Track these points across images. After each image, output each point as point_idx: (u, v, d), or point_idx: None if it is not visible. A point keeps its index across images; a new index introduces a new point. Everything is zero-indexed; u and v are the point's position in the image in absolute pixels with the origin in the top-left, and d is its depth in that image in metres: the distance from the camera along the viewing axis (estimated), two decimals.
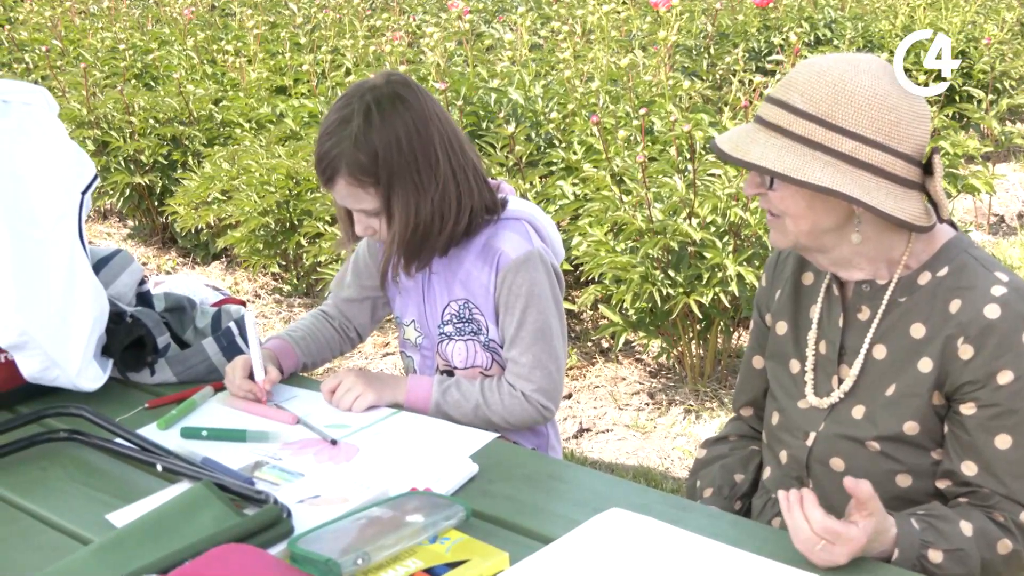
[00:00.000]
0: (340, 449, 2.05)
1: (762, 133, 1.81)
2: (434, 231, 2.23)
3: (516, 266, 2.27)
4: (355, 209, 2.23)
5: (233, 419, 2.19)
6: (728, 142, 1.83)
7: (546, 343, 2.30)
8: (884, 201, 1.76)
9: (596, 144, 4.73)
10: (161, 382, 2.39)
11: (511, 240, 2.28)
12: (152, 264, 6.17)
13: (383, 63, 6.43)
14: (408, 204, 2.19)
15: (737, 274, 3.97)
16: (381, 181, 2.17)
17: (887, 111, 1.75)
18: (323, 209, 4.94)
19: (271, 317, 5.37)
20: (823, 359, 1.97)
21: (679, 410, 4.27)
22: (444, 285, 2.35)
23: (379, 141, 2.15)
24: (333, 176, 2.18)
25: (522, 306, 2.28)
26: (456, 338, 2.36)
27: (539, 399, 2.30)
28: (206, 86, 6.56)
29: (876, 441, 1.88)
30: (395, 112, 2.17)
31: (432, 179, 2.20)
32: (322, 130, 2.20)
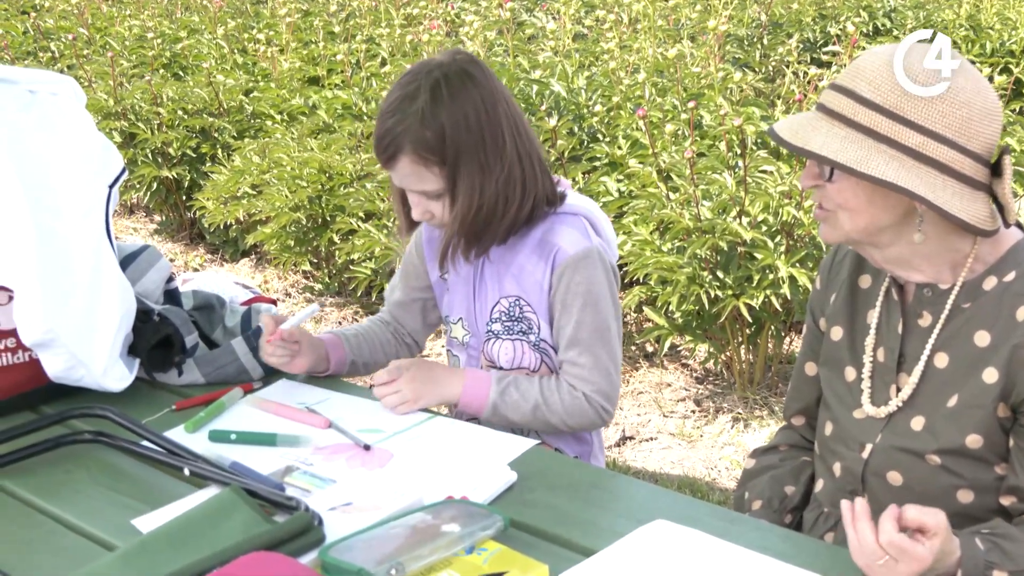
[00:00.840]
0: (373, 455, 2.06)
1: (824, 122, 1.80)
2: (497, 214, 2.24)
3: (575, 263, 2.27)
4: (415, 190, 2.24)
5: (263, 422, 2.21)
6: (787, 129, 1.82)
7: (605, 344, 2.31)
8: (950, 200, 1.74)
9: (642, 139, 4.72)
10: (189, 383, 2.41)
11: (569, 236, 2.29)
12: (179, 261, 6.22)
13: (420, 53, 6.45)
14: (473, 185, 2.20)
15: (789, 276, 3.95)
16: (447, 160, 2.18)
17: (959, 106, 1.73)
18: (356, 205, 4.96)
19: None
20: (881, 367, 1.95)
21: (727, 418, 4.25)
22: (496, 280, 2.36)
23: (447, 118, 2.17)
24: (396, 154, 2.19)
25: (580, 305, 2.28)
26: (504, 337, 2.36)
27: (600, 401, 2.31)
28: (236, 76, 6.61)
29: (936, 454, 1.86)
30: (464, 89, 2.19)
31: (498, 160, 2.21)
32: (384, 107, 2.21)
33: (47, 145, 2.29)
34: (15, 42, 7.96)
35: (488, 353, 2.39)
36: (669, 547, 1.72)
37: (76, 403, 2.24)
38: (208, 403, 2.29)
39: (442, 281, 2.47)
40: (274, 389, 2.38)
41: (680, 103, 5.12)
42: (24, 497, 1.97)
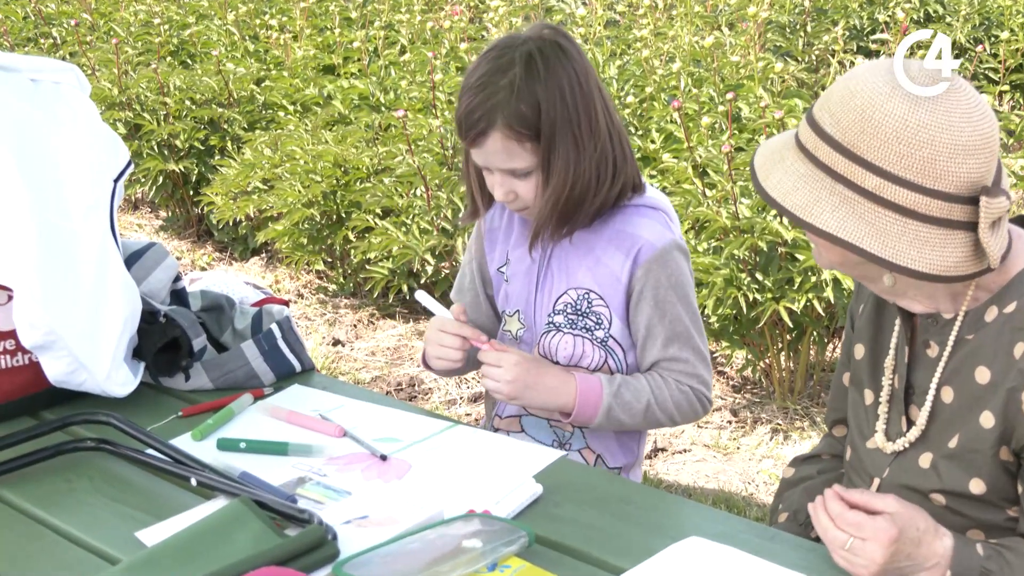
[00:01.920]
0: (390, 465, 2.07)
1: (791, 152, 1.76)
2: (589, 194, 2.26)
3: (662, 257, 2.30)
4: (502, 168, 2.25)
5: (274, 430, 2.22)
6: (761, 156, 1.80)
7: (700, 334, 2.37)
8: (905, 250, 1.67)
9: (677, 132, 4.72)
10: (196, 388, 2.42)
11: (652, 228, 2.31)
12: (186, 259, 6.25)
13: (442, 40, 6.46)
14: (568, 162, 2.22)
15: (833, 278, 3.94)
16: (541, 135, 2.20)
17: (919, 146, 1.65)
18: (373, 201, 4.97)
19: (315, 319, 5.42)
20: (896, 394, 1.93)
21: (765, 429, 4.24)
22: (564, 271, 2.37)
23: (542, 92, 2.19)
24: (487, 129, 2.20)
25: (674, 300, 2.32)
26: (565, 331, 2.37)
27: (704, 391, 2.37)
28: (247, 64, 6.63)
29: (941, 495, 1.83)
30: (558, 62, 2.22)
31: (592, 137, 2.24)
32: (469, 82, 2.22)
33: (50, 137, 2.30)
34: (15, 28, 8.01)
35: (545, 347, 2.39)
36: (703, 565, 1.72)
37: (78, 409, 2.26)
38: (216, 409, 2.30)
39: (499, 274, 2.49)
40: (286, 395, 2.39)
41: (717, 94, 5.11)
42: (23, 507, 1.98)
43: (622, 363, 2.37)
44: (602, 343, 2.36)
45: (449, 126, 5.12)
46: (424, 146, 5.10)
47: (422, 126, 5.22)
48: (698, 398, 2.36)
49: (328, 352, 5.08)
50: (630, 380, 2.33)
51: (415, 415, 2.30)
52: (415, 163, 4.86)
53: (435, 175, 4.86)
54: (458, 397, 4.62)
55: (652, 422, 2.35)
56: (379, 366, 4.95)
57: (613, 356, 2.37)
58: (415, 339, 5.16)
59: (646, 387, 2.33)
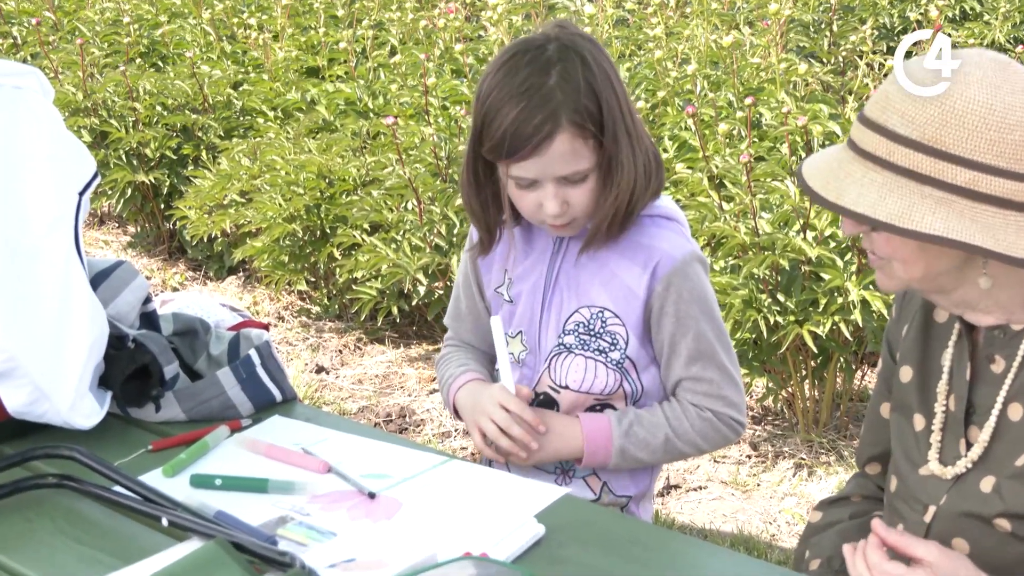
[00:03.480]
0: (379, 504, 2.08)
1: (858, 165, 1.77)
2: (638, 194, 2.29)
3: (683, 269, 2.32)
4: (562, 175, 2.24)
5: (253, 465, 2.22)
6: (818, 177, 1.80)
7: (727, 351, 2.38)
8: (1015, 242, 1.70)
9: (691, 140, 4.74)
10: (168, 420, 2.43)
11: (669, 239, 2.34)
12: (156, 279, 6.26)
13: (435, 40, 6.49)
14: (628, 157, 2.25)
15: (861, 300, 3.95)
16: (606, 129, 2.22)
17: (1009, 129, 1.69)
18: (361, 216, 4.98)
19: (297, 344, 5.43)
20: (952, 417, 1.93)
21: (788, 464, 4.25)
22: (574, 288, 2.38)
23: (597, 83, 2.22)
24: (553, 132, 2.19)
25: (697, 314, 2.33)
26: (577, 352, 2.38)
27: (731, 415, 2.38)
28: (224, 67, 6.66)
29: (1005, 519, 1.84)
30: (599, 54, 2.26)
31: (638, 135, 2.28)
32: (511, 91, 2.21)
33: (9, 146, 2.31)
34: None
35: (555, 370, 2.40)
36: None
37: (39, 442, 2.26)
38: (190, 443, 2.30)
39: (496, 295, 2.50)
40: (265, 427, 2.39)
41: (736, 99, 5.13)
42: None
43: (637, 384, 2.38)
44: (617, 365, 2.37)
45: (443, 133, 5.14)
46: (416, 156, 5.12)
47: (414, 134, 5.23)
48: (725, 423, 2.37)
49: (311, 380, 5.08)
50: (643, 415, 2.35)
51: (406, 449, 2.30)
52: (406, 174, 4.87)
53: (428, 187, 4.88)
54: (453, 429, 4.63)
55: (676, 455, 2.38)
56: (367, 395, 4.96)
57: (628, 378, 2.38)
58: (405, 366, 5.16)
59: (662, 420, 2.34)
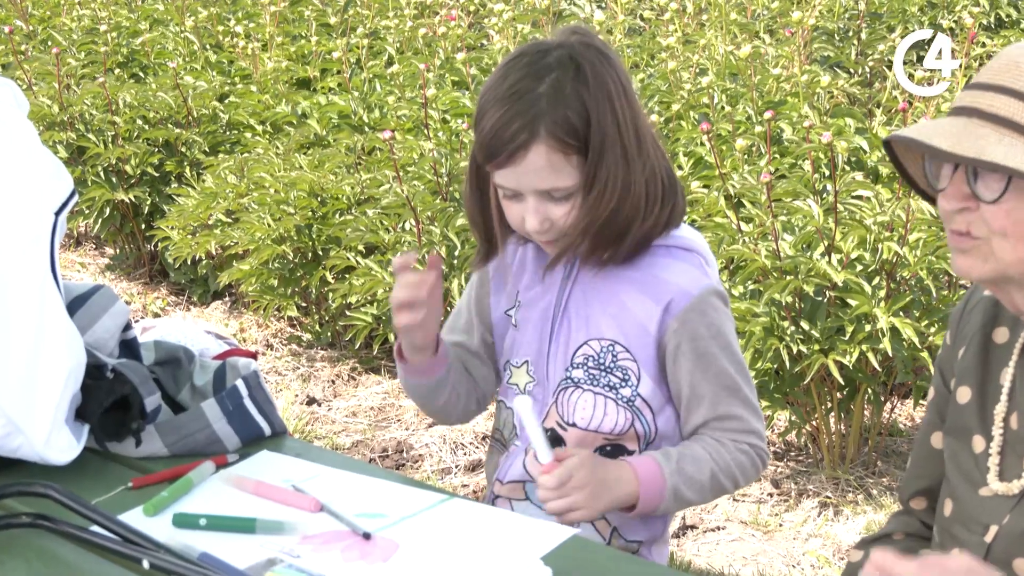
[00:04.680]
0: (374, 545, 2.08)
1: (989, 128, 1.81)
2: (637, 219, 2.29)
3: (699, 306, 2.33)
4: (540, 190, 2.25)
5: (240, 504, 2.23)
6: (939, 136, 1.82)
7: (749, 384, 2.39)
8: None
9: (707, 156, 4.75)
10: (149, 455, 2.43)
11: (685, 273, 2.34)
12: (136, 304, 6.27)
13: (436, 50, 6.51)
14: (616, 178, 2.25)
15: (891, 327, 3.95)
16: (591, 147, 2.23)
17: None
18: (355, 236, 4.99)
19: (286, 374, 5.43)
20: (1013, 436, 1.96)
21: (812, 503, 4.24)
22: (584, 319, 2.39)
23: (590, 98, 2.22)
24: (529, 142, 2.21)
25: (716, 351, 2.34)
26: (585, 387, 2.38)
27: (762, 447, 2.40)
28: (209, 78, 6.68)
29: None
30: (602, 67, 2.26)
31: (640, 153, 2.28)
32: (495, 95, 2.24)
33: None
34: None
35: (562, 405, 2.40)
36: None
37: (11, 479, 2.26)
38: (172, 480, 2.31)
39: (506, 318, 2.50)
40: (253, 463, 2.40)
41: (755, 113, 5.14)
42: None
43: (650, 426, 2.38)
44: (628, 403, 2.36)
45: (444, 148, 5.15)
46: (414, 172, 5.13)
47: (412, 149, 5.25)
48: (758, 455, 2.40)
49: (302, 412, 5.08)
50: (686, 451, 2.34)
51: (403, 487, 2.31)
52: (404, 192, 4.88)
53: (427, 206, 4.89)
54: (453, 465, 4.63)
55: (719, 492, 2.38)
56: (361, 429, 4.96)
57: (641, 418, 2.37)
58: (403, 397, 5.17)
59: (705, 455, 2.34)
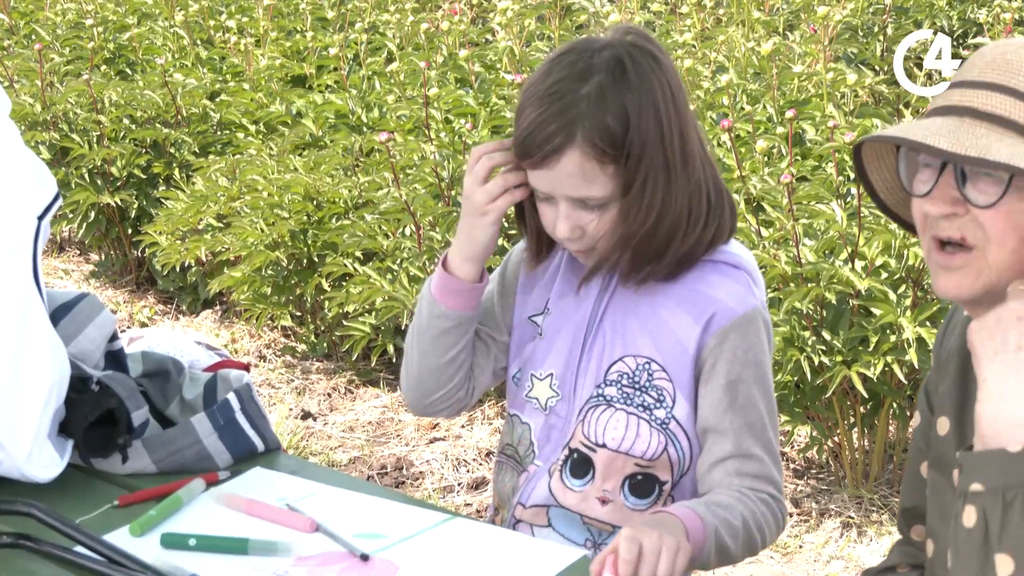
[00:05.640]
0: (373, 567, 2.08)
1: (985, 127, 1.80)
2: (679, 233, 2.27)
3: (742, 326, 2.30)
4: (573, 197, 2.25)
5: (231, 523, 2.23)
6: (935, 135, 1.81)
7: (774, 428, 2.35)
8: None
9: (727, 158, 4.75)
10: (136, 472, 2.43)
11: (731, 290, 2.31)
12: (123, 313, 6.27)
13: (438, 46, 6.52)
14: (656, 189, 2.24)
15: (917, 337, 3.95)
16: (630, 155, 2.22)
17: None
18: (352, 242, 4.99)
19: (280, 386, 5.44)
20: None
21: (835, 524, 4.24)
22: (621, 333, 2.36)
23: (632, 103, 2.22)
24: (563, 146, 2.21)
25: (750, 379, 2.30)
26: (618, 406, 2.34)
27: (782, 500, 2.33)
28: (199, 75, 6.68)
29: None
30: (652, 72, 2.25)
31: (685, 165, 2.26)
32: (535, 92, 2.24)
33: None
34: None
35: (590, 424, 2.36)
36: None
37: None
38: (161, 498, 2.31)
39: (530, 324, 2.47)
40: (245, 480, 2.40)
41: (777, 112, 5.14)
42: None
43: (685, 453, 2.33)
44: (662, 425, 2.32)
45: (446, 150, 5.16)
46: (415, 175, 5.13)
47: (412, 151, 5.25)
48: (780, 509, 2.32)
49: (297, 427, 5.09)
50: (711, 499, 2.26)
51: (403, 506, 2.31)
52: (403, 196, 4.89)
53: (428, 211, 4.89)
54: (455, 483, 4.63)
55: (748, 544, 2.26)
56: (359, 444, 4.96)
57: (675, 443, 2.33)
58: (402, 411, 5.17)
59: (732, 502, 2.25)
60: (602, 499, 2.34)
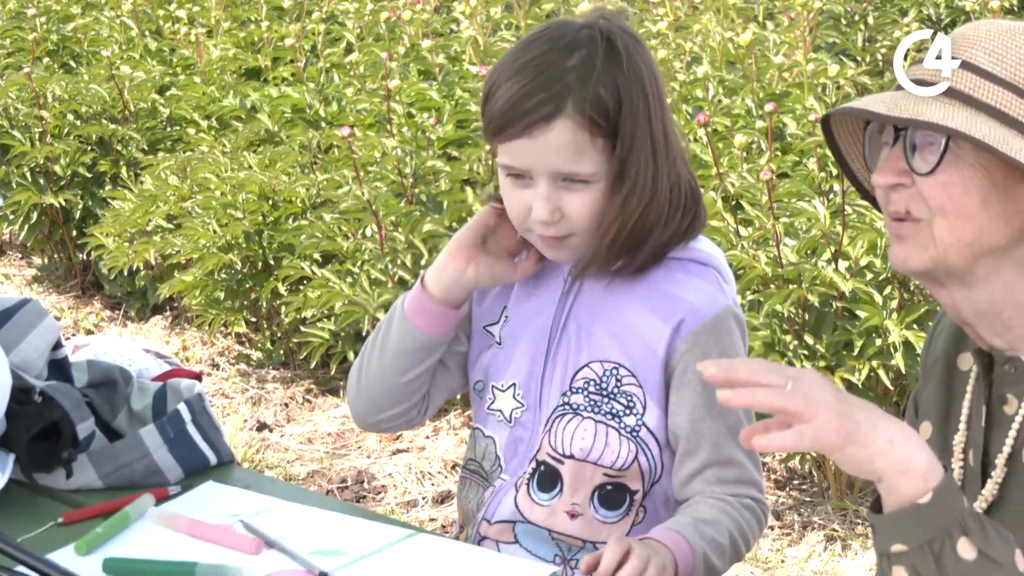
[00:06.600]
0: None
1: (931, 99, 1.83)
2: (659, 225, 2.27)
3: (713, 328, 2.30)
4: (557, 172, 2.22)
5: (180, 544, 2.22)
6: (880, 104, 1.84)
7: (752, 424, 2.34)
8: None
9: (703, 154, 4.76)
10: (82, 487, 2.43)
11: (700, 290, 2.31)
12: (67, 319, 6.25)
13: (399, 36, 6.51)
14: (647, 174, 2.24)
15: (903, 341, 3.97)
16: (621, 132, 2.21)
17: None
18: (310, 244, 4.99)
19: (234, 396, 5.43)
20: (971, 473, 1.95)
21: (818, 537, 4.26)
22: (587, 337, 2.35)
23: (623, 79, 2.22)
24: (553, 114, 2.19)
25: None
26: (585, 414, 2.34)
27: (764, 502, 2.34)
28: (148, 68, 6.67)
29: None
30: (637, 51, 2.25)
31: (667, 153, 2.27)
32: (515, 67, 2.23)
33: None
34: None
35: (556, 434, 2.35)
36: None
37: None
38: (107, 514, 2.30)
39: (485, 334, 2.46)
40: (197, 496, 2.39)
41: (755, 105, 5.16)
42: None
43: (656, 462, 2.33)
44: (632, 433, 2.32)
45: (409, 146, 5.16)
46: (376, 173, 5.13)
47: (373, 147, 5.25)
48: (762, 511, 2.33)
49: (252, 439, 5.08)
50: (697, 515, 2.25)
51: (364, 521, 2.31)
52: (364, 194, 4.88)
53: (390, 210, 4.89)
54: (420, 497, 4.63)
55: (735, 560, 2.29)
56: (317, 457, 4.96)
57: (646, 451, 2.33)
58: None
59: (718, 515, 2.26)
60: (571, 513, 2.33)
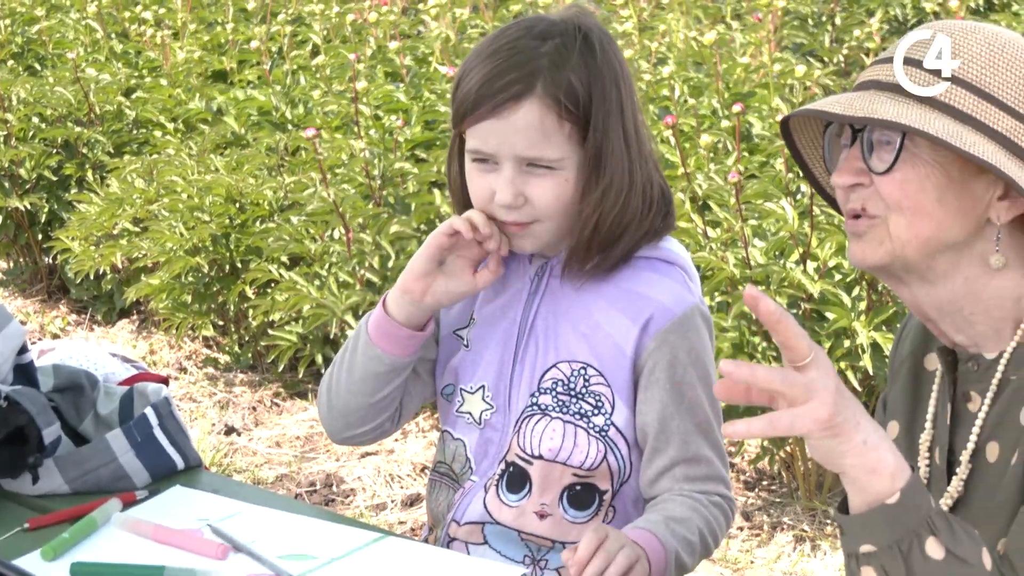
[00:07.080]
0: None
1: (886, 97, 1.85)
2: (634, 222, 2.28)
3: (681, 326, 2.31)
4: (522, 156, 2.22)
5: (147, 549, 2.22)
6: (836, 104, 1.86)
7: (720, 424, 2.35)
8: None
9: (670, 155, 4.77)
10: (48, 492, 2.42)
11: (667, 289, 2.32)
12: (33, 323, 6.23)
13: (366, 38, 6.51)
14: (622, 167, 2.25)
15: (872, 343, 3.98)
16: (593, 124, 2.22)
17: None
18: (278, 247, 4.98)
19: (202, 400, 5.42)
20: (937, 471, 1.96)
21: (787, 537, 4.27)
22: (554, 338, 2.36)
23: (596, 70, 2.23)
24: (522, 95, 2.20)
25: (693, 380, 2.31)
26: (553, 415, 2.34)
27: (731, 498, 2.36)
28: (114, 70, 6.65)
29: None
30: (612, 50, 2.27)
31: (639, 147, 2.28)
32: (488, 51, 2.24)
33: None
34: None
35: (525, 435, 2.35)
36: None
37: None
38: (74, 519, 2.30)
39: (453, 338, 2.46)
40: (164, 500, 2.39)
41: (722, 106, 5.17)
42: None
43: (625, 461, 2.34)
44: (601, 433, 2.32)
45: (376, 148, 5.15)
46: (343, 175, 5.12)
47: (340, 149, 5.24)
48: (730, 507, 2.35)
49: (220, 443, 5.07)
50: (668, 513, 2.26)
51: (333, 525, 2.31)
52: (331, 197, 4.88)
53: (357, 212, 4.88)
54: (389, 500, 4.63)
55: (703, 557, 2.31)
56: (286, 461, 4.95)
57: (615, 450, 2.33)
58: None
59: (692, 513, 2.27)
60: (540, 513, 2.34)
